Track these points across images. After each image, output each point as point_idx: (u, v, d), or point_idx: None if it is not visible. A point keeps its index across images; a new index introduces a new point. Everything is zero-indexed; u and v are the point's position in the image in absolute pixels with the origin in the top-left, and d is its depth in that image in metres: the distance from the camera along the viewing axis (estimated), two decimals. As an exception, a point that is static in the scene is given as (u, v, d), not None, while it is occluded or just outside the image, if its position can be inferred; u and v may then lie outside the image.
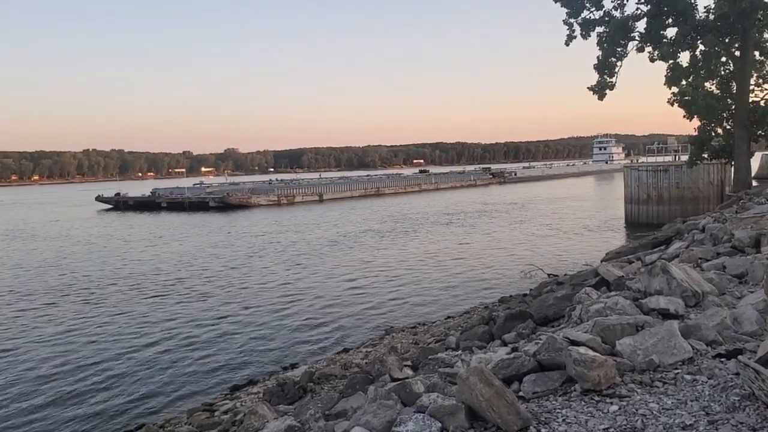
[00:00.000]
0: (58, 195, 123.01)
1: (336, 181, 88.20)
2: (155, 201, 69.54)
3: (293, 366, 13.19)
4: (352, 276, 23.62)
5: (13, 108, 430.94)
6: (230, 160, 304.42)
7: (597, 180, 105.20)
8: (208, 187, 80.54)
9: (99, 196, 77.28)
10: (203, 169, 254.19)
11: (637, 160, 49.29)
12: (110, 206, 72.97)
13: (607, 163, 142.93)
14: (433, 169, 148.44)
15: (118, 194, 76.41)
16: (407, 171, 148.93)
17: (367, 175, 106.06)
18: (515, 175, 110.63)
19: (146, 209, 67.05)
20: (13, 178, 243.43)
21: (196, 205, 65.03)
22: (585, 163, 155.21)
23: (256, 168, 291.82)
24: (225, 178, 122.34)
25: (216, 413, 10.50)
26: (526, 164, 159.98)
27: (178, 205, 66.62)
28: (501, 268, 23.91)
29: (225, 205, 63.55)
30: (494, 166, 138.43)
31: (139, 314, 18.49)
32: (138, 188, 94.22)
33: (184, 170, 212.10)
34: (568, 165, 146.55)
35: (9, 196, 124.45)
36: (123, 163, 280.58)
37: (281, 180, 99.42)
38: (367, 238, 35.30)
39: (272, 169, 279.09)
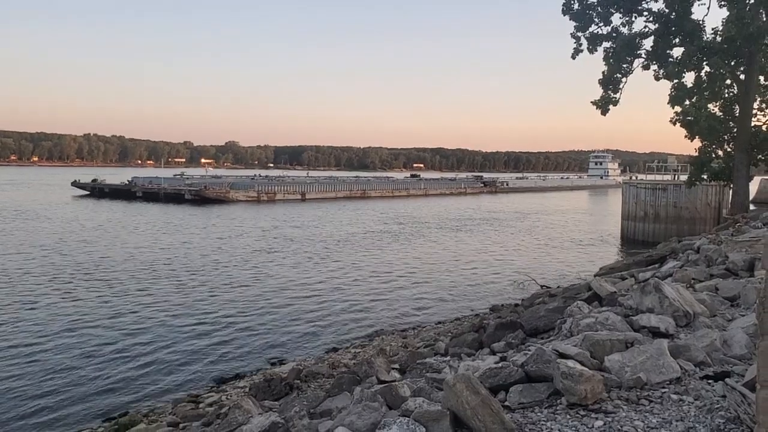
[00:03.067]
0: (49, 177, 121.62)
1: (321, 180, 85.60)
2: (131, 190, 68.53)
3: (281, 362, 13.20)
4: (342, 277, 23.58)
5: (15, 89, 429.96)
6: (230, 153, 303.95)
7: (591, 195, 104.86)
8: (188, 178, 79.20)
9: (75, 181, 76.03)
10: (203, 160, 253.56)
11: (636, 177, 49.38)
12: (86, 192, 71.79)
13: (602, 178, 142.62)
14: (431, 175, 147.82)
15: (95, 180, 75.32)
16: (400, 175, 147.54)
17: (355, 177, 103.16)
18: (507, 185, 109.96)
19: (122, 197, 66.07)
20: (12, 158, 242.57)
21: (172, 196, 63.80)
22: (580, 177, 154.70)
23: (256, 162, 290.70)
24: (206, 170, 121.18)
25: (201, 405, 10.49)
26: (519, 175, 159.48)
27: (153, 195, 65.53)
28: (494, 277, 23.92)
29: (201, 198, 61.87)
30: (487, 175, 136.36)
31: (125, 304, 18.42)
32: (131, 176, 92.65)
33: (183, 160, 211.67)
34: (562, 178, 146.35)
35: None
36: (123, 150, 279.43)
37: (265, 176, 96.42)
38: (349, 242, 35.27)
39: (271, 165, 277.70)
